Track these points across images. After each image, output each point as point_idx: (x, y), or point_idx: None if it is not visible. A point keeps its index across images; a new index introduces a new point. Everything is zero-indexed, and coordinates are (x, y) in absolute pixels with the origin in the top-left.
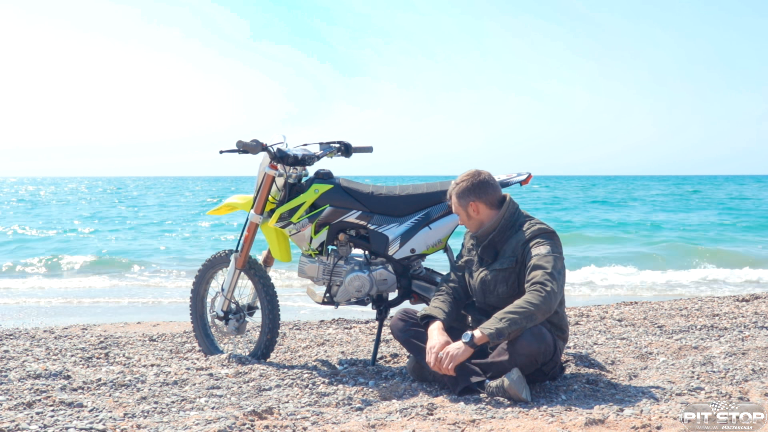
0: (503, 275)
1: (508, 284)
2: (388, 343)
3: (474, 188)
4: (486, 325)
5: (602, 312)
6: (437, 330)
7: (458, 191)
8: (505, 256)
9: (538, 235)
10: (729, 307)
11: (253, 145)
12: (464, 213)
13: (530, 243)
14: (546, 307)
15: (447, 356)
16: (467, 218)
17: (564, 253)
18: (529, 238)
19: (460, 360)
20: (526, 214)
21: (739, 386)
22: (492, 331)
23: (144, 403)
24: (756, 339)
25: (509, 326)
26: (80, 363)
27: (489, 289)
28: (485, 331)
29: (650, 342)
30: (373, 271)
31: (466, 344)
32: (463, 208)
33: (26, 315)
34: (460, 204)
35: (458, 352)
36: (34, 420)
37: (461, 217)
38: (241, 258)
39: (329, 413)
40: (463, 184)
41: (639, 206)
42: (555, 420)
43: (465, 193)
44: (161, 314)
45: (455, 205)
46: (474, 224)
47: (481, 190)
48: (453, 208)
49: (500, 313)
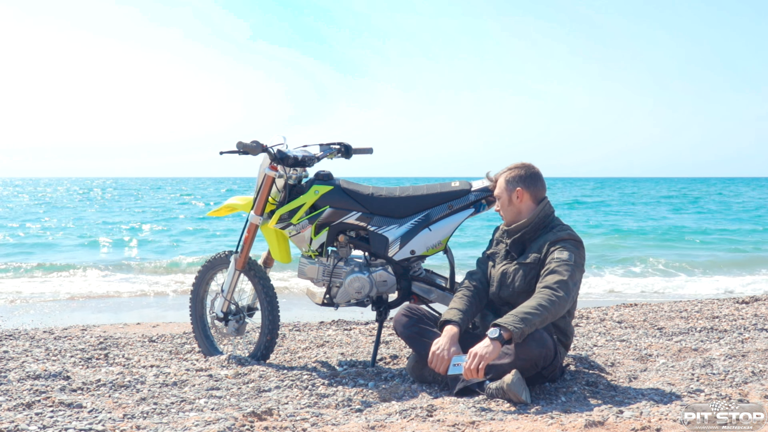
0: (524, 269)
1: (526, 279)
2: (387, 345)
3: (526, 177)
4: (507, 321)
5: (602, 314)
6: (449, 336)
7: (509, 176)
8: (531, 252)
9: (564, 240)
10: (729, 309)
11: (253, 146)
12: (507, 197)
13: (555, 245)
14: (554, 312)
15: (476, 357)
16: (508, 203)
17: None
18: (555, 240)
19: (491, 359)
20: (560, 221)
21: (738, 388)
22: (516, 330)
23: (143, 404)
24: (756, 341)
25: (528, 326)
26: (80, 364)
27: (506, 282)
28: (511, 327)
29: (650, 344)
30: (373, 273)
31: (495, 340)
32: (508, 193)
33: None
34: (507, 187)
35: (488, 350)
36: (33, 421)
37: (502, 200)
38: (240, 259)
39: (329, 414)
40: (516, 170)
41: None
42: (554, 422)
43: (516, 179)
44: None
45: (501, 187)
46: (512, 212)
47: (531, 181)
48: (496, 191)
49: (519, 312)
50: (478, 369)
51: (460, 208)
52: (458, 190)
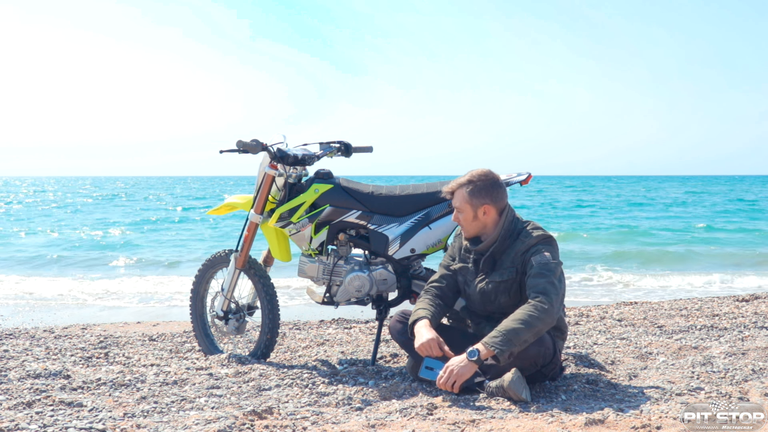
0: (504, 286)
1: (510, 294)
2: (387, 343)
3: (490, 190)
4: (491, 341)
5: (602, 312)
6: (425, 327)
7: (473, 189)
8: (504, 267)
9: (537, 243)
10: (729, 307)
11: (253, 145)
12: (472, 213)
13: (530, 251)
14: (550, 319)
15: (451, 374)
16: (472, 219)
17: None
18: (528, 247)
19: (466, 378)
20: (518, 216)
21: (738, 386)
22: (500, 350)
23: (144, 402)
24: (756, 339)
25: (514, 345)
26: (80, 363)
27: (490, 299)
28: (492, 349)
29: (650, 342)
30: (373, 271)
31: (472, 361)
32: (473, 208)
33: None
34: (471, 203)
35: (463, 370)
36: (33, 419)
37: (465, 215)
38: (241, 258)
39: (329, 413)
40: (480, 183)
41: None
42: (555, 420)
43: (481, 193)
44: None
45: (464, 201)
46: (475, 227)
47: (496, 193)
48: (458, 204)
49: (505, 327)
50: (452, 386)
51: None
52: None
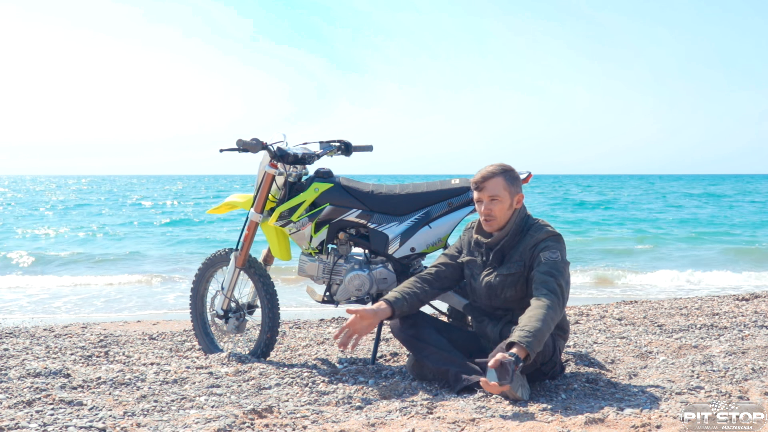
0: (511, 279)
1: (516, 288)
2: (387, 342)
3: (519, 181)
4: (524, 340)
5: (602, 311)
6: (374, 311)
7: (511, 177)
8: (512, 261)
9: (546, 239)
10: (729, 306)
11: (254, 144)
12: (509, 200)
13: (539, 247)
14: (560, 315)
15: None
16: (508, 207)
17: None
18: (537, 242)
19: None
20: (528, 214)
21: (738, 385)
22: (533, 352)
23: (144, 401)
24: (756, 338)
25: (540, 346)
26: (80, 361)
27: (496, 293)
28: (528, 349)
29: (650, 341)
30: (373, 270)
31: (517, 363)
32: (511, 196)
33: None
34: (510, 190)
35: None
36: (33, 418)
37: (502, 204)
38: (241, 256)
39: (329, 412)
40: (514, 172)
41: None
42: (555, 419)
43: (516, 182)
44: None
45: (503, 189)
46: (507, 217)
47: (521, 185)
48: (495, 192)
49: (533, 328)
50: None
51: (460, 206)
52: (458, 188)
